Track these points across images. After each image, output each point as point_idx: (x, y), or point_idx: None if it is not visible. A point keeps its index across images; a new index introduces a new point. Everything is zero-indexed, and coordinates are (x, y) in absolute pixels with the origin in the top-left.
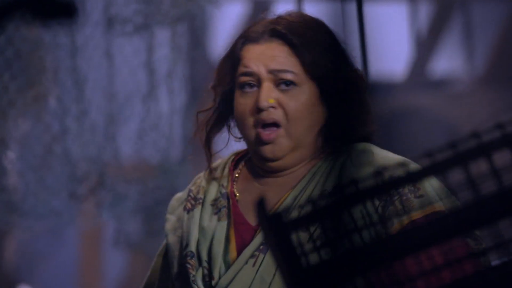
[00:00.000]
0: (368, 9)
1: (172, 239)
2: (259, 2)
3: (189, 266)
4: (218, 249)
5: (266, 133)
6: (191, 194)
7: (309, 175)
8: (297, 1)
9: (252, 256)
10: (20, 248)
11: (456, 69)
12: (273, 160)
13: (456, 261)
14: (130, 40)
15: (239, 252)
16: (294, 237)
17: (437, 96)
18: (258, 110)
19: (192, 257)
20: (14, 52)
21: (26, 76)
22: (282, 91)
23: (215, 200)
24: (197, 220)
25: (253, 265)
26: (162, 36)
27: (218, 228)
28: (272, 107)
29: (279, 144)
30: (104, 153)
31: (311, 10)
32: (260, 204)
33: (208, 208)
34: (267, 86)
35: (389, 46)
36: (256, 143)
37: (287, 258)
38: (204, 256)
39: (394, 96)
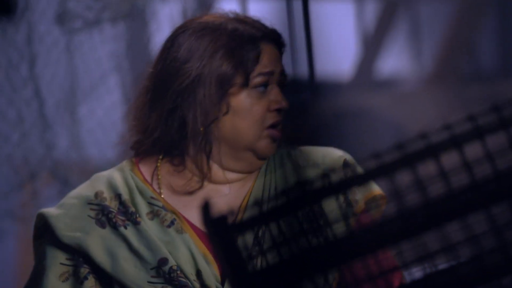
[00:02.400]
0: (313, 8)
1: (103, 258)
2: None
3: (181, 281)
4: (202, 262)
5: (277, 132)
6: (111, 209)
7: (261, 175)
8: None
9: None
10: None
11: (403, 68)
12: (264, 159)
13: (389, 271)
14: (81, 35)
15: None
16: (240, 241)
17: (384, 96)
18: (275, 109)
19: (179, 271)
20: None
21: None
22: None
23: (151, 213)
24: (154, 234)
25: None
26: (111, 31)
27: (186, 241)
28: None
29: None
30: (57, 152)
31: (256, 8)
32: (205, 208)
33: (154, 222)
34: (278, 87)
35: (335, 45)
36: (259, 141)
37: (232, 262)
38: (190, 270)
39: (340, 96)
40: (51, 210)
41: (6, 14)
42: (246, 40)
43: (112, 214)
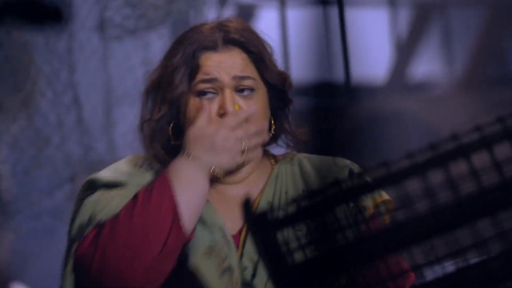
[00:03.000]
0: (349, 14)
1: None
2: (243, 7)
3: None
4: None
5: None
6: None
7: (272, 179)
8: (280, 6)
9: (245, 269)
10: (10, 248)
11: (435, 72)
12: None
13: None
14: (121, 43)
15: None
16: (279, 236)
17: (417, 99)
18: (221, 115)
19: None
20: (4, 56)
21: (15, 80)
22: (243, 97)
23: None
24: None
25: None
26: (148, 39)
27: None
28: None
29: None
30: (95, 153)
31: (294, 15)
32: (246, 204)
33: None
34: (229, 93)
35: (370, 51)
36: None
37: (272, 257)
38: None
39: (375, 99)
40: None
41: (53, 24)
42: (191, 50)
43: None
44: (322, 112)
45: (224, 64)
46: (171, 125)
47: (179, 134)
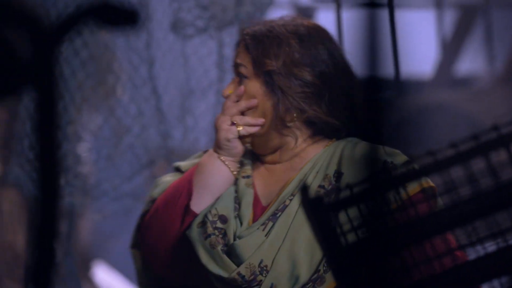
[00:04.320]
0: (399, 15)
1: None
2: (302, 8)
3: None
4: (247, 212)
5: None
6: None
7: (310, 162)
8: (336, 8)
9: (263, 223)
10: (94, 228)
11: (478, 69)
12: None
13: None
14: (194, 41)
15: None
16: (333, 219)
17: (461, 93)
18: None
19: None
20: (89, 54)
21: (99, 75)
22: (240, 83)
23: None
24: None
25: (263, 230)
26: (219, 37)
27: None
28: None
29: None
30: (171, 141)
31: (349, 16)
32: (304, 190)
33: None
34: (234, 78)
35: (418, 49)
36: None
37: (328, 238)
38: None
39: (422, 93)
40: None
41: (131, 24)
42: None
43: None
44: (373, 105)
45: (237, 53)
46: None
47: None
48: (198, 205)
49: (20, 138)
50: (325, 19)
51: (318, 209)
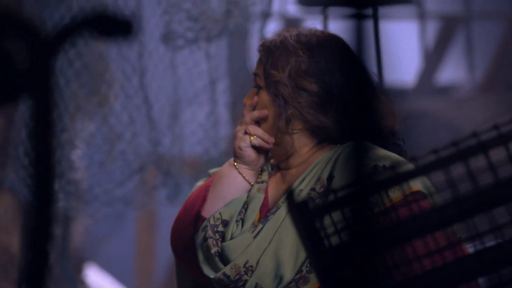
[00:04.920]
0: (383, 26)
1: None
2: (289, 20)
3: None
4: (251, 216)
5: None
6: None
7: (310, 167)
8: (323, 19)
9: (254, 226)
10: (86, 232)
11: (459, 78)
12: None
13: (449, 246)
14: (184, 52)
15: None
16: (318, 222)
17: (442, 101)
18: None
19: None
20: (82, 64)
21: (92, 85)
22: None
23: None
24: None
25: (252, 232)
26: (208, 48)
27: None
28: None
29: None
30: (161, 148)
31: (335, 27)
32: (290, 194)
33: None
34: (251, 88)
35: (401, 58)
36: None
37: (312, 241)
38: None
39: (405, 101)
40: None
41: (125, 35)
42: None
43: None
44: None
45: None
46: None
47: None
48: (208, 211)
49: (16, 144)
50: None
51: (303, 212)
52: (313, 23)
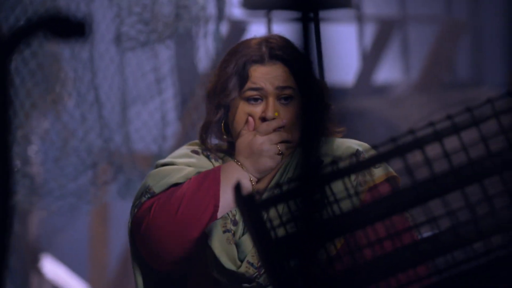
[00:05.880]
0: (324, 29)
1: None
2: (235, 22)
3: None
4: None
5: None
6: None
7: (284, 165)
8: (267, 22)
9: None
10: (41, 224)
11: (396, 77)
12: None
13: (400, 233)
14: (134, 53)
15: None
16: (265, 214)
17: (380, 100)
18: (263, 119)
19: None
20: (37, 64)
21: (46, 84)
22: (283, 104)
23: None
24: None
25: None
26: (157, 50)
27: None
28: (273, 118)
29: None
30: (113, 144)
31: (279, 30)
32: (237, 188)
33: None
34: (272, 101)
35: (340, 59)
36: None
37: (258, 232)
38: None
39: (345, 100)
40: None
41: (79, 36)
42: (242, 62)
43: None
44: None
45: (269, 76)
46: (223, 123)
47: (228, 131)
48: (224, 204)
49: None
50: (257, 32)
51: (250, 205)
52: (258, 26)
